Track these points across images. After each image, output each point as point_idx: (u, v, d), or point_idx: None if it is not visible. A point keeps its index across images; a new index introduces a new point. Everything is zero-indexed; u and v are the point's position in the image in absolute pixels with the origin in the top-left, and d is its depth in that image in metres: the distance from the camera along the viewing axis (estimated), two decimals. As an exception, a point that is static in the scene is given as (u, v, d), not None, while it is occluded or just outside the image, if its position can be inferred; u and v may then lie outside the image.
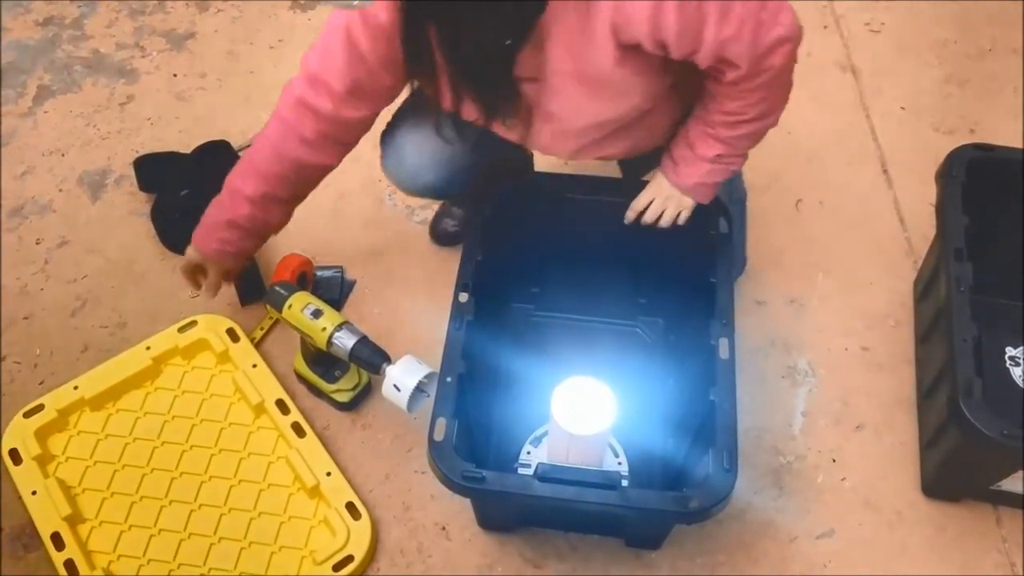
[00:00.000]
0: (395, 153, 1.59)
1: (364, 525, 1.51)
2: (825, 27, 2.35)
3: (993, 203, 1.61)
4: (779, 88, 1.33)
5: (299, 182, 1.55)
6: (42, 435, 1.62)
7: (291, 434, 1.60)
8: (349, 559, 1.48)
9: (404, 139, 1.55)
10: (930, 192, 1.65)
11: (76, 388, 1.66)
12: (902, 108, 2.18)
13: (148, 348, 1.71)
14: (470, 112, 1.37)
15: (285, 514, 1.55)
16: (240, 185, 1.52)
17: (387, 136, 1.59)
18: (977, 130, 2.13)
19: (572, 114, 1.35)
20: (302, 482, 1.55)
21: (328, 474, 1.56)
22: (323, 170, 1.55)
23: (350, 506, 1.53)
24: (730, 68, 1.26)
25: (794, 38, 1.26)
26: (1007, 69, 2.25)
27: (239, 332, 1.74)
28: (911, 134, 2.13)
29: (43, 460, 1.60)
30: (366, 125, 1.49)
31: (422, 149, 1.55)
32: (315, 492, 1.55)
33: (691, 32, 1.20)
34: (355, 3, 1.02)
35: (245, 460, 1.62)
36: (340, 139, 1.49)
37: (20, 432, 1.61)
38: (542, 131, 1.41)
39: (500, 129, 1.42)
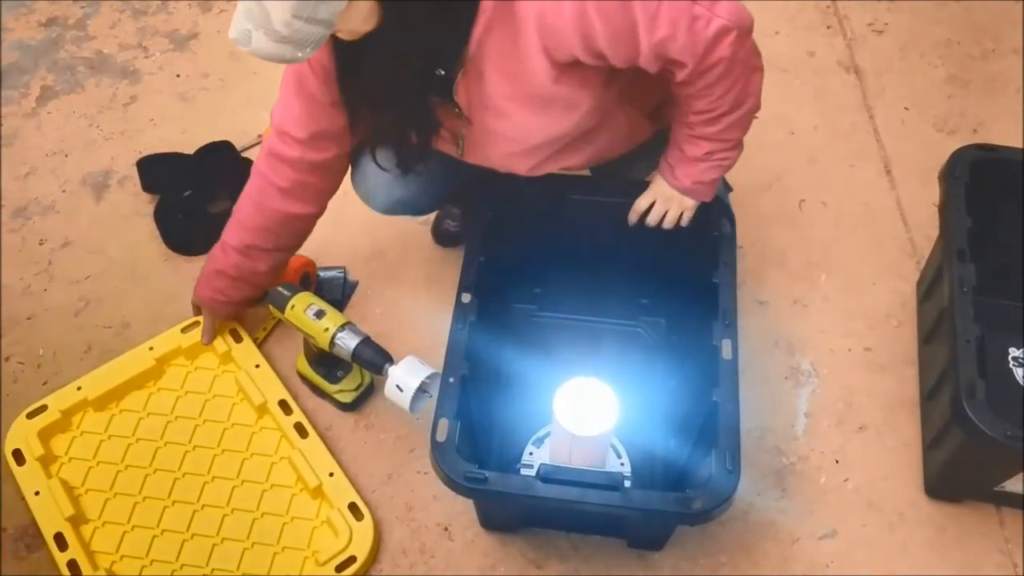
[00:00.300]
0: (360, 174, 1.61)
1: (367, 526, 1.51)
2: (828, 27, 2.35)
3: (996, 204, 1.60)
4: (741, 76, 1.31)
5: (284, 233, 1.60)
6: (45, 436, 1.62)
7: (294, 434, 1.60)
8: (352, 560, 1.48)
9: (367, 160, 1.54)
10: (933, 193, 1.64)
11: (79, 389, 1.66)
12: (905, 108, 2.17)
13: (151, 348, 1.72)
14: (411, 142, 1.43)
15: (288, 515, 1.55)
16: (227, 237, 1.60)
17: (353, 158, 1.60)
18: (980, 130, 2.13)
19: (522, 134, 1.38)
20: (304, 483, 1.55)
21: (331, 475, 1.56)
22: (306, 219, 1.60)
23: (352, 507, 1.53)
24: (678, 68, 1.27)
25: (738, 27, 1.24)
26: (1010, 69, 2.25)
27: (242, 332, 1.74)
28: (914, 134, 2.12)
29: (46, 461, 1.60)
30: (338, 167, 1.54)
31: (386, 168, 1.53)
32: (318, 492, 1.55)
33: (623, 37, 1.21)
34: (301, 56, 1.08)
35: (248, 460, 1.62)
36: (316, 185, 1.54)
37: (23, 433, 1.61)
38: (495, 152, 1.43)
39: (452, 151, 1.45)
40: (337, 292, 1.87)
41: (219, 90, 2.24)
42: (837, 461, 1.65)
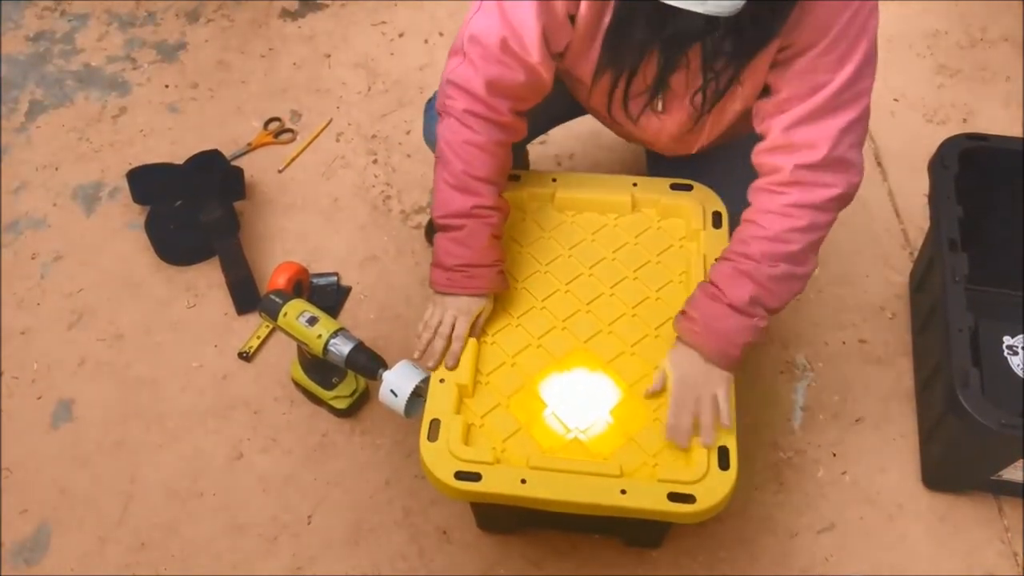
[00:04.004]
0: (434, 115, 1.53)
1: (729, 478, 1.27)
2: (815, 21, 2.34)
3: (987, 193, 1.61)
4: (823, 231, 1.32)
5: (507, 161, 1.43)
6: None
7: None
8: (690, 498, 1.25)
9: None
10: (925, 183, 1.64)
11: (554, 180, 1.55)
12: (895, 100, 2.17)
13: (635, 184, 1.56)
14: (603, 90, 1.34)
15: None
16: (475, 201, 1.37)
17: (430, 103, 1.56)
18: (970, 120, 2.13)
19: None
20: None
21: None
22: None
23: (723, 451, 1.28)
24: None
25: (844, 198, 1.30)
26: (999, 58, 2.25)
27: (724, 218, 1.51)
28: (904, 125, 2.13)
29: None
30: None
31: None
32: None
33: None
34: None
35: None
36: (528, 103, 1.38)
37: None
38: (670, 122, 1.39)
39: (621, 110, 1.38)
40: (330, 298, 1.87)
41: (208, 100, 2.24)
42: (834, 454, 1.65)
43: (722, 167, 1.51)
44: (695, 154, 1.50)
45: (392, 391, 1.44)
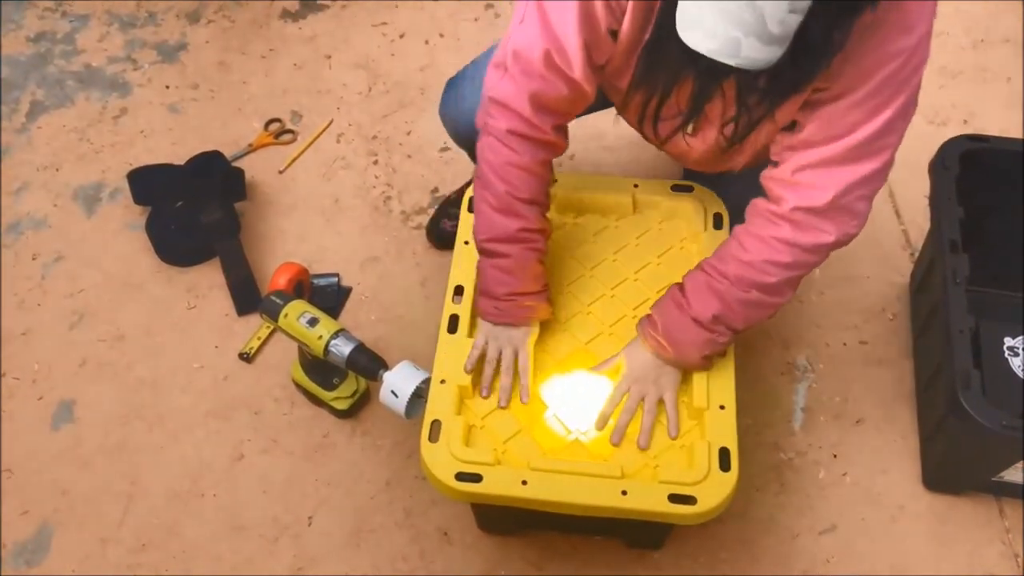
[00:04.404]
0: (454, 92, 1.56)
1: (730, 479, 1.27)
2: (816, 22, 2.34)
3: (988, 194, 1.60)
4: (804, 270, 1.28)
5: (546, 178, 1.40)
6: None
7: None
8: (691, 499, 1.25)
9: (468, 79, 1.47)
10: (925, 184, 1.64)
11: (555, 181, 1.50)
12: (895, 101, 2.17)
13: (636, 186, 1.56)
14: (636, 104, 1.30)
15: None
16: (520, 224, 1.34)
17: (452, 81, 1.56)
18: (971, 121, 2.13)
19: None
20: (690, 398, 1.35)
21: (722, 407, 1.33)
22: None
23: (724, 453, 1.29)
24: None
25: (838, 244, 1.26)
26: (1000, 59, 2.25)
27: (725, 220, 1.52)
28: (905, 126, 2.12)
29: None
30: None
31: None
32: (698, 414, 1.34)
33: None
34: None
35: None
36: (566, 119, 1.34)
37: None
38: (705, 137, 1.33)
39: (653, 129, 1.34)
40: (331, 299, 1.87)
41: (209, 100, 2.24)
42: (835, 455, 1.65)
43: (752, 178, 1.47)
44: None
45: (393, 392, 1.44)
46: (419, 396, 1.44)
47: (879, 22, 1.06)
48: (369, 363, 1.50)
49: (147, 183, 2.01)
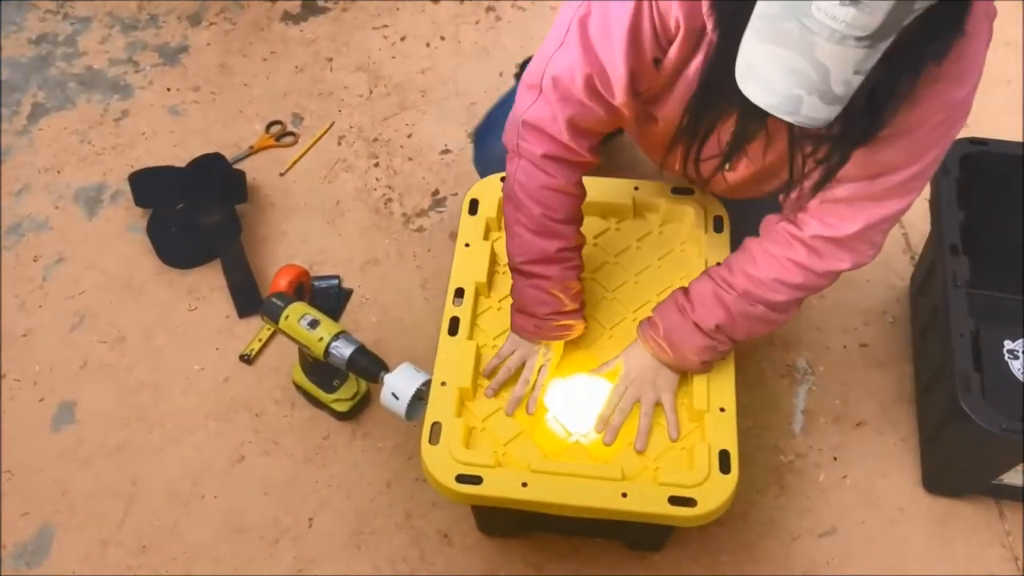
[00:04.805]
0: (485, 147, 1.56)
1: (730, 481, 1.27)
2: (817, 25, 2.35)
3: (988, 197, 1.61)
4: (807, 292, 1.28)
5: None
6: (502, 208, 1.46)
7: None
8: (690, 502, 1.25)
9: (498, 127, 1.42)
10: (926, 187, 1.64)
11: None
12: (895, 104, 2.17)
13: (637, 188, 1.56)
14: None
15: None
16: (559, 245, 1.33)
17: (481, 132, 1.54)
18: (971, 124, 2.11)
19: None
20: (690, 399, 1.36)
21: (722, 410, 1.33)
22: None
23: (724, 455, 1.29)
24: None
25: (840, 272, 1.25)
26: (1000, 62, 2.25)
27: (726, 223, 1.52)
28: (905, 130, 2.12)
29: (490, 227, 1.52)
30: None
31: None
32: (698, 416, 1.35)
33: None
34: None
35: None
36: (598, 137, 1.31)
37: (490, 189, 1.53)
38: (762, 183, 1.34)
39: (695, 167, 1.29)
40: (332, 301, 1.87)
41: (210, 103, 2.24)
42: (835, 458, 1.65)
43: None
44: None
45: (393, 394, 1.44)
46: (420, 398, 1.44)
47: (940, 75, 1.04)
48: (370, 365, 1.50)
49: (148, 185, 2.02)
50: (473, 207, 1.53)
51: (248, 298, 1.86)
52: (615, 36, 1.13)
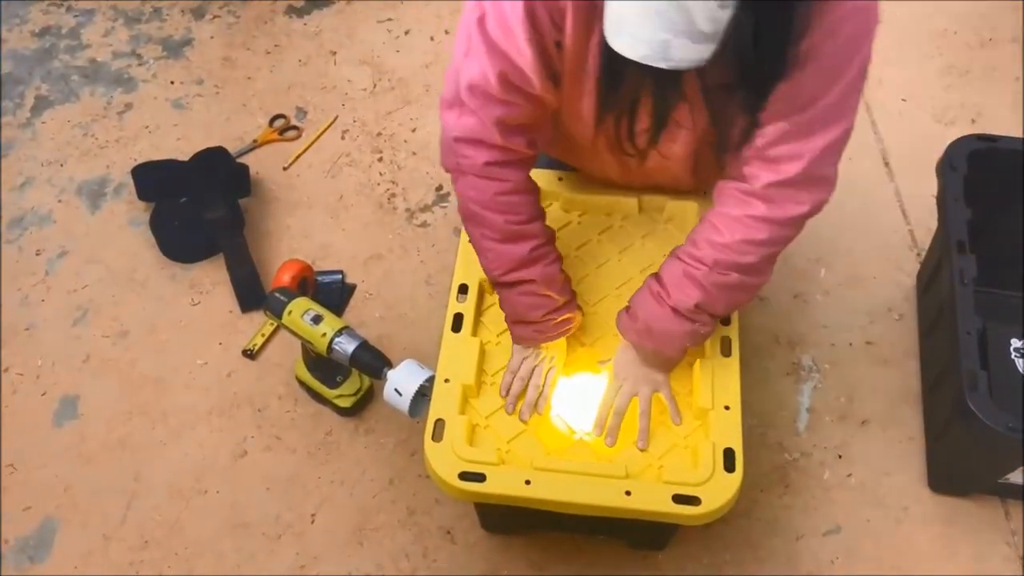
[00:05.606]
0: None
1: (734, 480, 1.26)
2: (823, 20, 2.33)
3: (996, 194, 1.60)
4: (781, 245, 1.26)
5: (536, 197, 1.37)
6: None
7: (714, 350, 1.38)
8: (695, 500, 1.24)
9: None
10: (932, 184, 1.63)
11: (560, 180, 1.53)
12: (903, 100, 2.16)
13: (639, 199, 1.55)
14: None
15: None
16: (531, 244, 1.33)
17: None
18: (979, 120, 2.12)
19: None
20: (695, 403, 1.35)
21: (727, 408, 1.32)
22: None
23: (728, 453, 1.28)
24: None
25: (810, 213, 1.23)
26: (1008, 58, 2.24)
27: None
28: (912, 126, 2.11)
29: None
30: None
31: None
32: (702, 414, 1.34)
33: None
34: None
35: None
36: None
37: None
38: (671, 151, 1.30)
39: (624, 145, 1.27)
40: (335, 296, 1.86)
41: (213, 97, 2.24)
42: (840, 456, 1.65)
43: None
44: None
45: (396, 390, 1.44)
46: (423, 395, 1.44)
47: None
48: (373, 361, 1.49)
49: (151, 179, 2.01)
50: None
51: (251, 293, 1.86)
52: (514, 25, 1.12)
